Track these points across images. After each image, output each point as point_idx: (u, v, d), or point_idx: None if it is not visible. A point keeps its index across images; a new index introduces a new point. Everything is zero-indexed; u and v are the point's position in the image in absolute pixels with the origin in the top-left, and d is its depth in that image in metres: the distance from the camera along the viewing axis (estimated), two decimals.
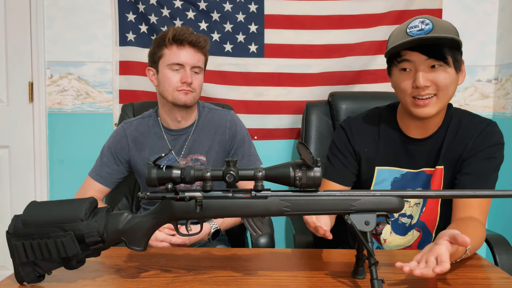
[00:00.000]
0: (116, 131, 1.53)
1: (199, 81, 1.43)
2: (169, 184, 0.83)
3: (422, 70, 1.08)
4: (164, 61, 1.40)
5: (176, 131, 1.48)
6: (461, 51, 1.10)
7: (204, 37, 1.43)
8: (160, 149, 1.47)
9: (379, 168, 1.22)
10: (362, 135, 1.25)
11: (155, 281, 0.89)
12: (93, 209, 0.87)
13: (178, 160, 1.47)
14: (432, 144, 1.18)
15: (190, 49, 1.39)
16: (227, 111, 1.55)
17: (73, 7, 2.14)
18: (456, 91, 1.14)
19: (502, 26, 2.14)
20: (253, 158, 1.53)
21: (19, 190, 2.21)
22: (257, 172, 0.82)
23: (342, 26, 2.13)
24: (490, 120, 1.18)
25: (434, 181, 1.17)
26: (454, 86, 1.11)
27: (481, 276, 0.95)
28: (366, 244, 0.82)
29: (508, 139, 2.00)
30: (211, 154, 1.48)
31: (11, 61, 2.15)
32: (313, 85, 2.15)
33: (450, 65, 1.08)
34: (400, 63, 1.11)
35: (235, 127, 1.51)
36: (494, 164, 1.14)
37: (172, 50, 1.39)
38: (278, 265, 1.01)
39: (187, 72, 1.39)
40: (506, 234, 1.31)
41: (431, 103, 1.10)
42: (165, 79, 1.40)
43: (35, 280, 0.86)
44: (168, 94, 1.41)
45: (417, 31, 1.06)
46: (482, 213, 1.09)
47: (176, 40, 1.38)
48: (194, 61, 1.40)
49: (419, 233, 1.22)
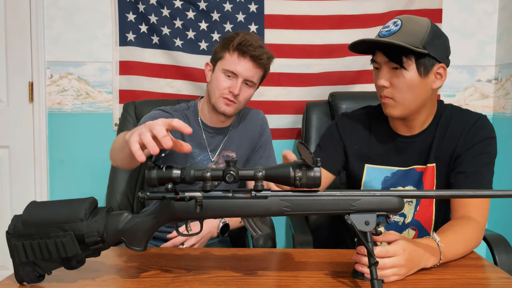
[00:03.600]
0: (160, 113, 1.45)
1: (247, 94, 1.44)
2: (169, 184, 0.83)
3: (383, 70, 1.12)
4: (221, 64, 1.41)
5: (215, 129, 1.50)
6: (432, 56, 1.08)
7: (269, 54, 1.42)
8: (196, 145, 1.47)
9: (368, 166, 1.24)
10: (353, 132, 1.27)
11: (155, 281, 0.89)
12: (93, 209, 0.87)
13: (212, 158, 1.48)
14: (422, 141, 1.19)
15: (249, 62, 1.39)
16: (257, 110, 1.61)
17: (73, 7, 2.14)
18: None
19: (502, 26, 2.14)
20: (271, 160, 1.57)
21: (19, 190, 2.21)
22: (257, 172, 0.82)
23: (342, 26, 2.13)
24: (480, 114, 1.18)
25: (425, 179, 1.18)
26: (415, 91, 1.11)
27: (481, 276, 0.95)
28: (366, 244, 0.82)
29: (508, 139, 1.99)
30: (241, 150, 1.52)
31: (11, 61, 2.15)
32: (313, 85, 2.15)
33: (408, 69, 1.09)
34: (372, 62, 1.16)
35: (265, 126, 1.58)
36: (487, 160, 1.13)
37: (233, 57, 1.39)
38: (278, 265, 1.01)
39: (238, 83, 1.39)
40: (506, 234, 1.31)
41: (389, 104, 1.14)
42: (216, 81, 1.41)
43: (35, 280, 0.86)
44: (213, 97, 1.42)
45: (385, 31, 1.10)
46: (480, 212, 1.08)
47: (239, 49, 1.37)
48: (249, 74, 1.40)
49: (415, 231, 1.22)
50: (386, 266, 0.86)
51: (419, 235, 1.21)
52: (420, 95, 1.12)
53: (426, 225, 1.21)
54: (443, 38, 1.14)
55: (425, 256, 0.92)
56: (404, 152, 1.21)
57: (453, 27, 2.16)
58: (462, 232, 1.03)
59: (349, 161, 1.27)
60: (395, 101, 1.12)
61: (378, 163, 1.23)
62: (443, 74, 1.14)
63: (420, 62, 1.08)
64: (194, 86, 2.14)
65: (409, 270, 0.89)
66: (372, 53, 1.16)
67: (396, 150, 1.21)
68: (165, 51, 2.13)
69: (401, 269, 0.87)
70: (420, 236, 1.22)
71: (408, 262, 0.88)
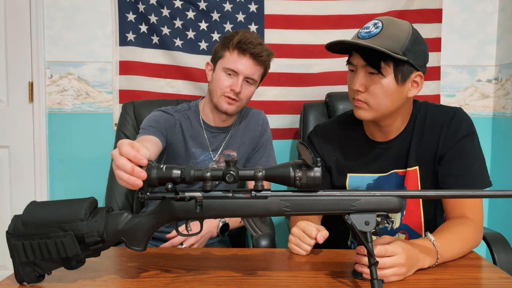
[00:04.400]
0: (161, 114, 1.45)
1: (248, 92, 1.44)
2: (169, 184, 0.83)
3: (359, 74, 1.08)
4: (222, 63, 1.41)
5: (216, 128, 1.50)
6: (410, 63, 1.04)
7: (268, 51, 1.42)
8: (198, 145, 1.47)
9: (351, 175, 1.22)
10: (330, 143, 1.25)
11: (155, 281, 0.89)
12: (93, 209, 0.87)
13: (214, 158, 1.48)
14: (399, 146, 1.17)
15: (250, 59, 1.39)
16: (259, 110, 1.62)
17: (73, 7, 2.14)
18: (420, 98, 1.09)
19: (502, 26, 2.14)
20: (271, 160, 1.58)
21: (19, 190, 2.21)
22: (257, 172, 0.82)
23: (342, 26, 2.13)
24: (455, 108, 1.15)
25: (408, 182, 1.16)
26: (391, 98, 1.07)
27: (480, 276, 0.95)
28: (366, 244, 0.82)
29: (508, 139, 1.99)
30: (242, 149, 1.52)
31: (11, 61, 2.15)
32: (313, 85, 2.15)
33: (386, 76, 1.05)
34: (348, 64, 1.13)
35: (266, 126, 1.59)
36: (472, 158, 1.11)
37: (233, 56, 1.39)
38: (278, 265, 1.01)
39: (239, 80, 1.39)
40: (504, 232, 1.31)
41: (363, 107, 1.10)
42: (217, 80, 1.41)
43: (35, 280, 0.86)
44: (215, 96, 1.42)
45: (365, 33, 1.06)
46: (475, 212, 1.08)
47: (239, 47, 1.38)
48: (249, 72, 1.40)
49: (405, 235, 1.21)
50: (386, 265, 0.86)
51: (409, 238, 1.20)
52: (394, 102, 1.08)
53: (416, 227, 1.20)
54: (423, 45, 1.08)
55: (421, 256, 0.92)
56: (381, 158, 1.18)
57: (453, 27, 2.16)
58: (459, 232, 1.02)
59: (332, 173, 1.25)
60: (369, 106, 1.09)
61: (359, 172, 1.21)
62: (419, 83, 1.09)
63: (398, 69, 1.04)
64: (194, 86, 2.14)
65: (408, 269, 0.89)
66: (348, 54, 1.12)
67: (374, 156, 1.19)
68: (165, 51, 2.13)
69: (401, 269, 0.87)
70: (411, 239, 1.21)
71: (408, 261, 0.88)
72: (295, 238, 1.04)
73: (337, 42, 1.08)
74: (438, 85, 2.17)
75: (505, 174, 2.04)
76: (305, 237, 1.02)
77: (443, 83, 2.18)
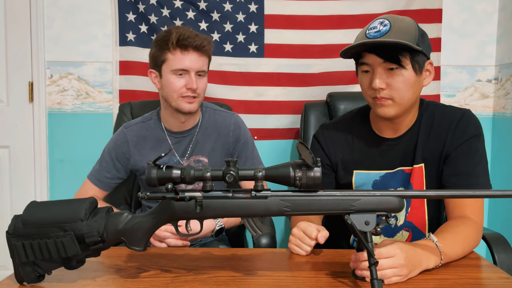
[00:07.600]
0: (117, 136, 1.50)
1: (203, 84, 1.42)
2: (169, 184, 0.83)
3: (378, 73, 1.09)
4: (167, 66, 1.37)
5: (179, 133, 1.47)
6: (423, 52, 1.08)
7: (208, 39, 1.40)
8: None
9: (357, 172, 1.22)
10: (336, 141, 1.25)
11: (155, 281, 0.89)
12: (93, 209, 0.87)
13: (182, 162, 1.46)
14: (406, 143, 1.18)
15: (194, 53, 1.36)
16: (231, 113, 1.55)
17: (73, 7, 2.14)
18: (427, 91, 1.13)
19: (502, 26, 2.14)
20: (256, 161, 1.53)
21: (19, 190, 2.21)
22: (257, 172, 0.82)
23: (342, 26, 2.13)
24: (464, 109, 1.17)
25: (413, 180, 1.16)
26: (413, 89, 1.10)
27: (481, 276, 0.95)
28: (366, 244, 0.82)
29: (508, 139, 2.00)
30: (213, 156, 1.48)
31: (11, 61, 2.15)
32: (313, 85, 2.15)
33: (406, 68, 1.07)
34: (361, 65, 1.13)
35: (239, 130, 1.51)
36: (478, 159, 1.12)
37: (176, 55, 1.35)
38: (278, 265, 1.01)
39: (192, 77, 1.36)
40: (504, 233, 1.31)
41: (387, 104, 1.11)
42: (169, 84, 1.38)
43: (35, 280, 0.86)
44: (172, 100, 1.39)
45: (374, 32, 1.07)
46: (476, 212, 1.08)
47: (180, 45, 1.34)
48: (199, 65, 1.37)
49: (408, 233, 1.21)
50: (383, 267, 0.86)
51: (413, 235, 1.21)
52: (415, 92, 1.11)
53: (420, 226, 1.21)
54: (426, 35, 1.12)
55: (425, 256, 0.92)
56: (388, 154, 1.19)
57: (453, 27, 2.16)
58: (461, 232, 1.02)
59: (337, 170, 1.25)
60: (394, 101, 1.10)
61: (365, 168, 1.21)
62: (431, 70, 1.14)
63: (414, 60, 1.08)
64: None
65: (410, 270, 0.88)
66: (357, 56, 1.13)
67: (381, 153, 1.20)
68: None
69: (402, 269, 0.87)
70: (414, 237, 1.21)
71: (408, 262, 0.88)
72: (296, 239, 1.04)
73: (357, 44, 1.08)
74: (438, 85, 2.16)
75: (505, 174, 2.04)
76: (305, 238, 1.03)
77: (443, 83, 2.18)
